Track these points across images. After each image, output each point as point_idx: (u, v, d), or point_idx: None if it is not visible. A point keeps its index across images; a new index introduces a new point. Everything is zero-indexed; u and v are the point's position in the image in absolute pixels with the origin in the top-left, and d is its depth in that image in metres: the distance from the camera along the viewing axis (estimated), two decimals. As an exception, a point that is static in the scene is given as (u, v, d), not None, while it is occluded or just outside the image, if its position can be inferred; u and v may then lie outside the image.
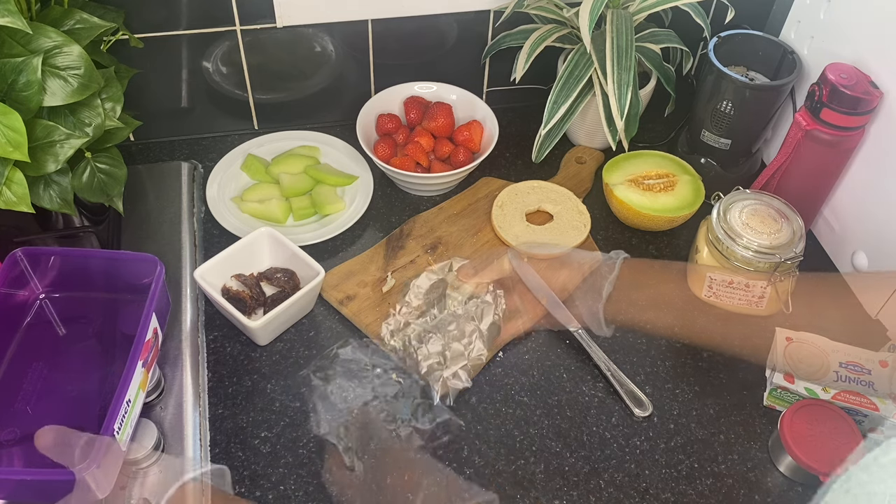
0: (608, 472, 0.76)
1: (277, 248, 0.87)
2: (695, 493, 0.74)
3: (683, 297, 0.86)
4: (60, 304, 0.77)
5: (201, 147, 1.05)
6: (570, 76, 0.94)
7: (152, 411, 0.76)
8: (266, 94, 1.04)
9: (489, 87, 1.11)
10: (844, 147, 0.89)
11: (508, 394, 0.81)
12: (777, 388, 0.79)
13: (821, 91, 0.86)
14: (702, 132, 1.00)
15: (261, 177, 0.99)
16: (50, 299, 0.77)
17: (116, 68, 0.83)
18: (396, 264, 0.91)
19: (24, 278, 0.75)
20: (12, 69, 0.69)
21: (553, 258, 0.92)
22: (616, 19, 0.91)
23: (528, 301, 0.85)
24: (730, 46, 0.97)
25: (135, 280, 0.74)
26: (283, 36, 0.98)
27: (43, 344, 0.75)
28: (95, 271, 0.76)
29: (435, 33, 1.03)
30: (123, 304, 0.77)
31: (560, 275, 0.90)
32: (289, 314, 0.83)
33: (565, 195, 0.98)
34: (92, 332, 0.76)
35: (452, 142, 1.01)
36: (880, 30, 0.85)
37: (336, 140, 1.04)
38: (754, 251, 0.82)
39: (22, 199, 0.71)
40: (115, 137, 0.83)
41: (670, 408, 0.81)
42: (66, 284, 0.77)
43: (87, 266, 0.77)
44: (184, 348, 0.81)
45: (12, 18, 0.66)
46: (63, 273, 0.76)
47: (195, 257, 0.91)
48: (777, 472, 0.76)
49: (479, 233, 0.95)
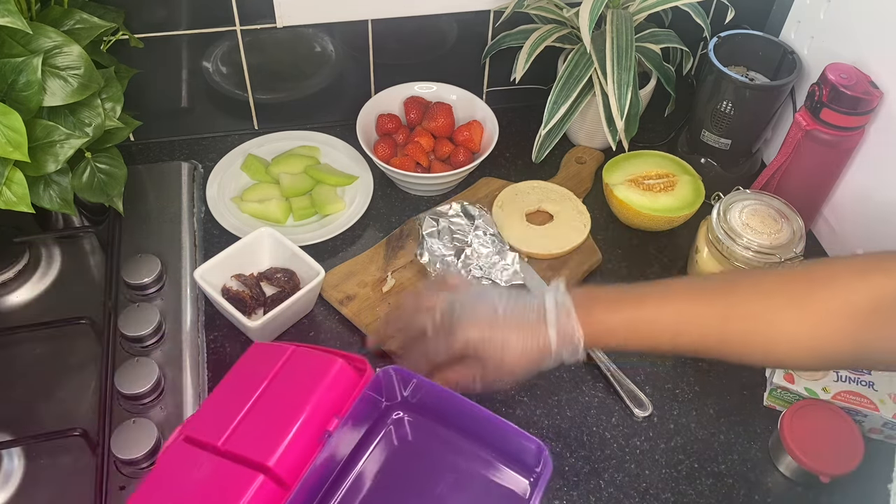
0: (608, 472, 0.76)
1: (277, 248, 0.87)
2: (695, 493, 0.74)
3: None
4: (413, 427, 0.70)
5: (201, 147, 1.05)
6: (570, 76, 0.94)
7: (152, 411, 0.76)
8: (266, 94, 1.04)
9: (489, 87, 1.11)
10: (844, 147, 0.89)
11: (508, 394, 0.81)
12: (777, 388, 0.79)
13: (821, 91, 0.86)
14: (702, 132, 1.00)
15: (261, 177, 0.99)
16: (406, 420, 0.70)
17: (116, 68, 0.83)
18: (396, 264, 0.91)
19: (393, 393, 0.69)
20: (12, 69, 0.70)
21: (553, 258, 0.92)
22: (616, 19, 0.91)
23: None
24: (730, 46, 0.97)
25: (515, 452, 0.66)
26: (283, 36, 0.98)
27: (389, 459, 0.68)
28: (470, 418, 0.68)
29: (435, 33, 1.03)
30: (486, 463, 0.68)
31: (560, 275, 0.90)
32: (289, 314, 0.83)
33: (565, 195, 0.98)
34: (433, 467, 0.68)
35: (452, 142, 1.01)
36: (880, 30, 0.85)
37: (336, 140, 1.04)
38: (754, 251, 0.81)
39: (22, 199, 0.71)
40: (115, 137, 0.83)
41: (670, 408, 0.81)
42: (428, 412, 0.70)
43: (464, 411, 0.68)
44: (184, 348, 0.81)
45: (12, 18, 0.66)
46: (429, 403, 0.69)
47: (195, 257, 0.91)
48: (777, 472, 0.76)
49: (479, 233, 0.95)
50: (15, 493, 0.70)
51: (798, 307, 0.61)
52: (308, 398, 0.61)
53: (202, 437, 0.61)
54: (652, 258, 0.95)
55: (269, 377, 0.64)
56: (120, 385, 0.75)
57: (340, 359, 0.64)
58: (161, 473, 0.60)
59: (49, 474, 0.72)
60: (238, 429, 0.61)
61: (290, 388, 0.63)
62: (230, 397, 0.64)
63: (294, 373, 0.64)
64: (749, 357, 0.65)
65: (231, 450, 0.59)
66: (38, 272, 0.88)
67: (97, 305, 0.83)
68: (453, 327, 0.67)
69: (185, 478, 0.59)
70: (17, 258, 0.88)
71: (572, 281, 0.90)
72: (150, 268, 0.85)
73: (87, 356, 0.80)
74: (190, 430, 0.62)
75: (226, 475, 0.58)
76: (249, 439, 0.60)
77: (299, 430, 0.60)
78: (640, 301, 0.65)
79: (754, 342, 0.63)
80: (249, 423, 0.61)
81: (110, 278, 0.85)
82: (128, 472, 0.71)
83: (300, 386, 0.63)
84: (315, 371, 0.64)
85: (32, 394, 0.77)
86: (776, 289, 0.63)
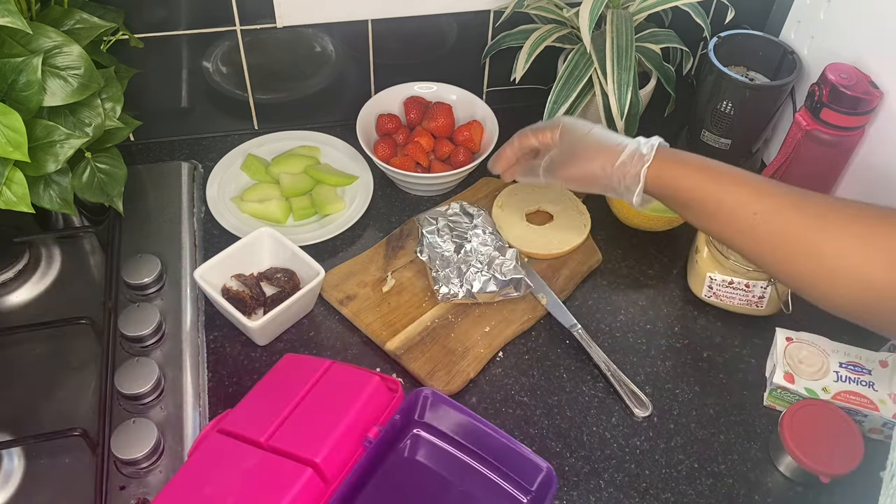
0: (608, 472, 0.76)
1: (277, 248, 0.87)
2: (695, 493, 0.74)
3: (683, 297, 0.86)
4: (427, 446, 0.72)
5: (201, 147, 1.05)
6: (570, 76, 0.94)
7: (152, 411, 0.76)
8: (266, 94, 1.04)
9: (489, 87, 1.11)
10: (844, 147, 0.89)
11: (508, 394, 0.81)
12: (777, 388, 0.79)
13: (821, 91, 0.86)
14: (702, 132, 1.00)
15: (261, 177, 0.99)
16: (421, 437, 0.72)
17: (116, 68, 0.83)
18: (396, 264, 0.91)
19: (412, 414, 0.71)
20: (12, 69, 0.70)
21: (553, 258, 0.92)
22: (616, 19, 0.91)
23: None
24: (730, 46, 0.97)
25: (519, 474, 0.69)
26: (283, 36, 0.98)
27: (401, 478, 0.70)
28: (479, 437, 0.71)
29: (435, 33, 1.03)
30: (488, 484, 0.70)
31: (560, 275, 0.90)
32: (289, 314, 0.83)
33: (565, 195, 0.98)
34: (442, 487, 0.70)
35: (452, 142, 1.01)
36: (880, 30, 0.85)
37: (336, 140, 1.04)
38: (754, 251, 0.81)
39: (22, 199, 0.71)
40: (115, 137, 0.83)
41: (670, 408, 0.81)
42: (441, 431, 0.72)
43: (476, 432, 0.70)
44: (184, 348, 0.81)
45: (12, 18, 0.66)
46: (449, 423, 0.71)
47: (195, 257, 0.91)
48: (777, 472, 0.76)
49: (479, 233, 0.95)
50: (15, 493, 0.70)
51: (866, 244, 0.60)
52: (349, 407, 0.66)
53: (243, 432, 0.65)
54: (652, 258, 0.95)
55: (307, 386, 0.69)
56: (120, 385, 0.75)
57: (377, 377, 0.69)
58: (200, 462, 0.64)
59: (49, 474, 0.72)
60: (282, 428, 0.65)
61: (329, 398, 0.68)
62: (267, 401, 0.69)
63: (332, 385, 0.69)
64: (792, 280, 0.65)
65: (277, 446, 0.63)
66: (38, 272, 0.88)
67: (97, 305, 0.83)
68: (558, 121, 0.80)
69: (228, 468, 0.63)
70: (17, 258, 0.88)
71: (572, 281, 0.90)
72: (150, 268, 0.85)
73: (87, 356, 0.80)
74: (227, 425, 0.66)
75: (274, 468, 0.62)
76: (295, 438, 0.64)
77: (343, 433, 0.64)
78: (714, 174, 0.69)
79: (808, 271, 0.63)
80: (293, 424, 0.66)
81: (110, 278, 0.85)
82: (128, 472, 0.71)
83: (339, 397, 0.68)
84: (353, 385, 0.69)
85: (32, 394, 0.77)
86: (855, 227, 0.61)
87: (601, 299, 0.90)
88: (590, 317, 0.88)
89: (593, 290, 0.91)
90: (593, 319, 0.88)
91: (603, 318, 0.88)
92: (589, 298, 0.90)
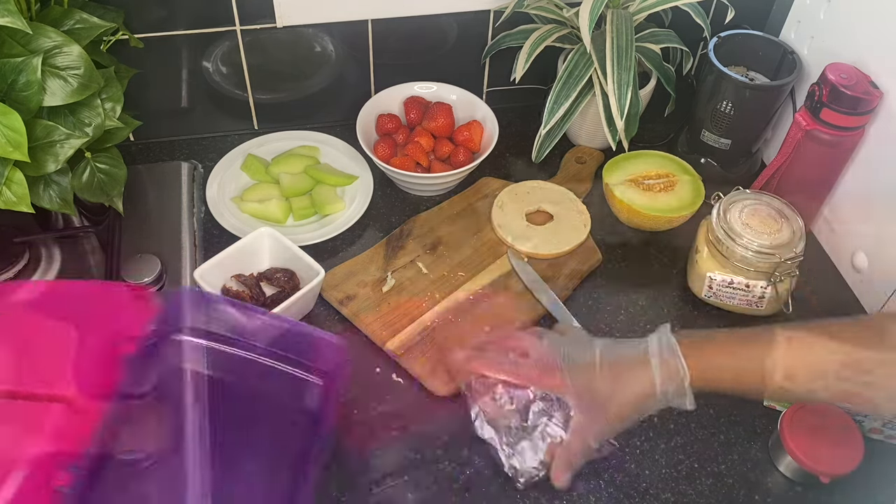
0: (608, 472, 0.76)
1: (277, 248, 0.87)
2: (695, 493, 0.74)
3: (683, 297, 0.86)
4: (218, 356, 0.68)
5: (201, 147, 1.05)
6: (570, 76, 0.94)
7: (152, 411, 0.76)
8: (266, 94, 1.04)
9: (489, 87, 1.11)
10: (844, 147, 0.89)
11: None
12: (777, 388, 0.79)
13: (821, 91, 0.86)
14: (702, 132, 1.00)
15: (261, 177, 0.99)
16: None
17: (116, 68, 0.83)
18: (396, 264, 0.91)
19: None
20: (12, 69, 0.70)
21: (553, 258, 0.92)
22: (616, 19, 0.91)
23: None
24: (730, 46, 0.97)
25: (308, 356, 0.66)
26: (283, 36, 0.98)
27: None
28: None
29: (435, 33, 1.03)
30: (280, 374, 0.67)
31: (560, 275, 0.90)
32: (288, 314, 0.83)
33: (565, 195, 0.98)
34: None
35: (452, 142, 1.01)
36: (880, 30, 0.85)
37: (336, 140, 1.04)
38: (754, 251, 0.82)
39: (22, 199, 0.72)
40: (115, 137, 0.83)
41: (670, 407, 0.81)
42: None
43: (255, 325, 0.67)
44: (184, 348, 0.81)
45: (12, 18, 0.66)
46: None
47: (195, 257, 0.91)
48: (777, 472, 0.76)
49: (479, 233, 0.95)
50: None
51: None
52: (89, 327, 0.60)
53: None
54: (652, 258, 0.95)
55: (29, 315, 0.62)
56: (119, 385, 0.75)
57: (120, 286, 0.64)
58: None
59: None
60: (15, 368, 0.59)
61: (60, 323, 0.61)
62: None
63: (62, 308, 0.63)
64: (858, 407, 0.65)
65: (13, 389, 0.57)
66: (38, 272, 0.88)
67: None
68: (554, 362, 0.69)
69: None
70: (17, 258, 0.87)
71: (572, 281, 0.90)
72: (150, 268, 0.85)
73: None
74: None
75: (16, 415, 0.56)
76: (32, 374, 0.58)
77: (90, 356, 0.58)
78: (749, 343, 0.65)
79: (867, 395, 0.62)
80: (26, 359, 0.59)
81: (110, 278, 0.85)
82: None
83: (74, 319, 0.61)
84: (89, 302, 0.63)
85: (32, 394, 0.77)
86: None
87: (601, 299, 0.90)
88: (590, 317, 0.88)
89: (593, 290, 0.91)
90: (593, 319, 0.88)
91: (603, 318, 0.88)
92: (589, 298, 0.90)
